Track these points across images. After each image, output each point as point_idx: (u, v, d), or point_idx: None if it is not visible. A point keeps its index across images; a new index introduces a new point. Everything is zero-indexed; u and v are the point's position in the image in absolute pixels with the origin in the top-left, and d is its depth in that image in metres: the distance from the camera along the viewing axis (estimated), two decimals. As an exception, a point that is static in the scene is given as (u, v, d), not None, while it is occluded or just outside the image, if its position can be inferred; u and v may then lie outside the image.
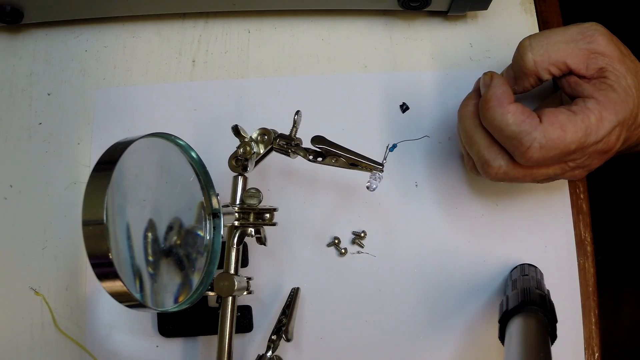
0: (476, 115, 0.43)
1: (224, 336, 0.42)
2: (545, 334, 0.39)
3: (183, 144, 0.41)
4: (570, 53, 0.42)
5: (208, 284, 0.41)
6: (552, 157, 0.40)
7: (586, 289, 0.47)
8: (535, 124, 0.39)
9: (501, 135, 0.40)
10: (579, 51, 0.42)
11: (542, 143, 0.39)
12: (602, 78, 0.41)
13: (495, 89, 0.41)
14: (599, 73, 0.41)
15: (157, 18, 0.54)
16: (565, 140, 0.39)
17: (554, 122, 0.39)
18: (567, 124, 0.39)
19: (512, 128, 0.40)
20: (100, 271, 0.33)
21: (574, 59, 0.42)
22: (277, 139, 0.43)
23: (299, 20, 0.54)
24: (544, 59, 0.42)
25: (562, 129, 0.39)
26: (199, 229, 0.42)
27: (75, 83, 0.53)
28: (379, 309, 0.48)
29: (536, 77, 0.43)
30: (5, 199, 0.50)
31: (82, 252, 0.46)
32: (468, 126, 0.43)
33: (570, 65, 0.42)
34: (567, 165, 0.41)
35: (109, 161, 0.34)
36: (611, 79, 0.41)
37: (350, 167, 0.41)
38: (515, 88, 0.45)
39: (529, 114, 0.40)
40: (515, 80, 0.45)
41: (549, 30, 0.43)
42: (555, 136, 0.39)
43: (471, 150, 0.43)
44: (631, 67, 0.41)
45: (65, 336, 0.47)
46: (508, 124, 0.40)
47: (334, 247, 0.48)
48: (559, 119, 0.40)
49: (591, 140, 0.40)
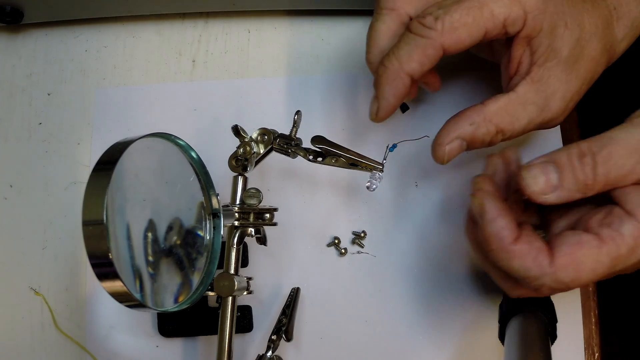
0: (480, 246, 0.37)
1: (224, 336, 0.42)
2: (545, 334, 0.39)
3: (183, 144, 0.41)
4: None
5: (208, 284, 0.41)
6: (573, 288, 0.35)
7: (586, 289, 0.47)
8: (544, 267, 0.34)
9: (511, 275, 0.36)
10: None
11: (553, 287, 0.34)
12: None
13: (491, 226, 0.35)
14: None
15: (157, 18, 0.54)
16: (580, 281, 0.34)
17: (569, 263, 0.34)
18: (587, 261, 0.33)
19: (520, 273, 0.35)
20: (100, 271, 0.33)
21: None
22: (277, 139, 0.43)
23: (299, 20, 0.54)
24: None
25: (577, 270, 0.34)
26: (199, 228, 0.42)
27: (75, 83, 0.53)
28: (379, 309, 0.48)
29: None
30: (5, 199, 0.50)
31: (82, 252, 0.46)
32: (476, 258, 0.39)
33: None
34: (620, 265, 0.34)
35: (108, 161, 0.34)
36: None
37: (350, 167, 0.41)
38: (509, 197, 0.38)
39: (537, 254, 0.34)
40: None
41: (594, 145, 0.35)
42: (569, 280, 0.34)
43: (491, 275, 0.39)
44: None
45: (65, 336, 0.47)
46: (514, 269, 0.35)
47: (334, 247, 0.48)
48: (576, 257, 0.33)
49: (619, 269, 0.34)
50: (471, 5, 0.36)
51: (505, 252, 0.34)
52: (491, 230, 0.35)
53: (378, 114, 0.39)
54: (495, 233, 0.35)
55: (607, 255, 0.33)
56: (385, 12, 0.39)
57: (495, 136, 0.40)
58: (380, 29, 0.39)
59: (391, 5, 0.39)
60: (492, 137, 0.40)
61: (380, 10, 0.39)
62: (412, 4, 0.39)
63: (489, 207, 0.35)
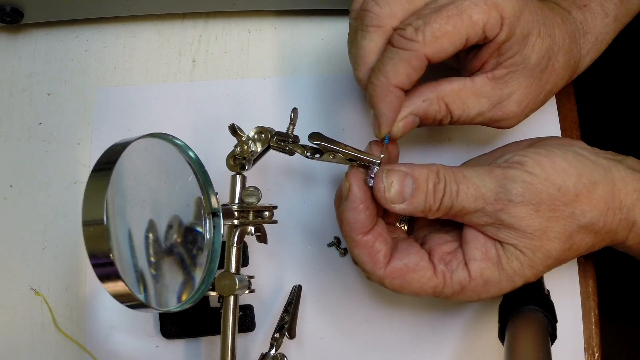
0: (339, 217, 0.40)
1: (227, 336, 0.42)
2: (545, 334, 0.39)
3: (181, 143, 0.41)
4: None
5: (209, 282, 0.41)
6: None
7: (586, 289, 0.48)
8: (378, 268, 0.37)
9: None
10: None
11: (378, 284, 0.38)
12: (498, 243, 0.37)
13: (349, 213, 0.37)
14: (494, 232, 0.37)
15: (157, 18, 0.54)
16: (402, 292, 0.38)
17: (397, 276, 0.37)
18: (413, 283, 0.37)
19: (357, 260, 0.39)
20: (101, 271, 0.33)
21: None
22: (274, 136, 0.43)
23: (299, 20, 0.54)
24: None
25: (402, 285, 0.38)
26: (198, 225, 0.42)
27: (75, 83, 0.52)
28: (379, 309, 0.48)
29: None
30: (5, 199, 0.50)
31: (82, 252, 0.46)
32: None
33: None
34: (441, 297, 0.39)
35: (107, 161, 0.34)
36: (506, 255, 0.37)
37: (349, 162, 0.41)
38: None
39: (376, 253, 0.37)
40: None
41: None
42: (392, 287, 0.38)
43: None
44: (554, 246, 0.37)
45: (65, 336, 0.47)
46: (354, 254, 0.39)
47: (335, 247, 0.48)
48: (406, 276, 0.37)
49: (440, 297, 0.38)
50: (450, 14, 0.36)
51: (352, 239, 0.38)
52: (347, 217, 0.37)
53: (381, 130, 0.39)
54: (350, 221, 0.37)
55: (432, 288, 0.37)
56: (372, 30, 0.39)
57: (445, 117, 0.40)
58: (368, 46, 0.39)
59: (377, 23, 0.38)
60: (443, 117, 0.40)
61: (365, 27, 0.39)
62: (397, 17, 0.38)
63: (354, 195, 0.37)
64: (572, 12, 0.43)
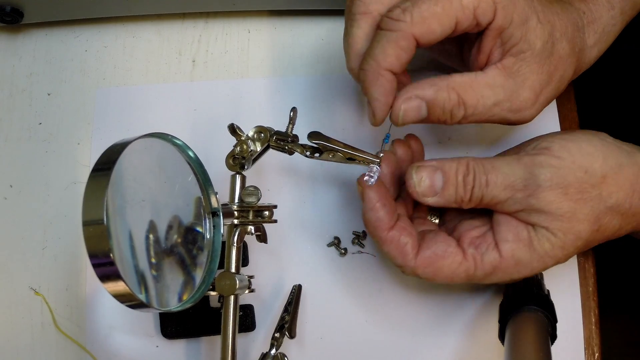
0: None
1: (227, 335, 0.42)
2: (545, 334, 0.39)
3: (180, 143, 0.41)
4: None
5: (210, 282, 0.41)
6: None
7: (586, 289, 0.48)
8: (408, 260, 0.38)
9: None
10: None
11: (411, 275, 0.39)
12: (529, 226, 0.38)
13: (369, 214, 0.38)
14: (525, 217, 0.37)
15: (157, 18, 0.54)
16: (435, 281, 0.39)
17: (428, 265, 0.38)
18: (445, 270, 0.38)
19: (387, 256, 0.39)
20: (102, 272, 0.33)
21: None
22: (274, 136, 0.43)
23: (299, 20, 0.54)
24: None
25: (434, 273, 0.38)
26: (198, 225, 0.42)
27: (75, 83, 0.52)
28: (379, 309, 0.48)
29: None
30: (5, 199, 0.50)
31: (82, 252, 0.46)
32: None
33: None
34: (474, 281, 0.40)
35: (107, 162, 0.34)
36: (537, 237, 0.37)
37: (348, 161, 0.41)
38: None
39: (403, 246, 0.38)
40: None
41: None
42: (425, 277, 0.39)
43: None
44: (583, 228, 0.37)
45: (65, 336, 0.47)
46: (383, 251, 0.39)
47: (334, 247, 0.48)
48: (437, 263, 0.38)
49: (472, 282, 0.39)
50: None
51: (378, 237, 0.39)
52: (369, 217, 0.39)
53: (375, 116, 0.39)
54: (371, 220, 0.38)
55: (464, 272, 0.38)
56: (359, 17, 0.39)
57: (457, 108, 0.38)
58: (356, 34, 0.39)
59: (363, 10, 0.38)
60: (454, 107, 0.38)
61: (352, 15, 0.39)
62: (384, 4, 0.38)
63: (368, 197, 0.38)
64: (574, 3, 0.43)
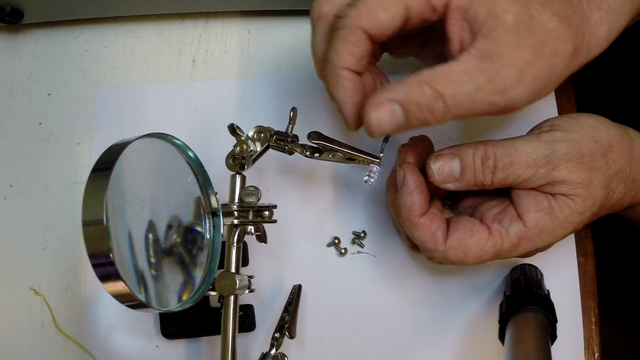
0: (394, 207, 0.42)
1: (227, 335, 0.42)
2: (545, 334, 0.39)
3: (180, 143, 0.41)
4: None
5: (210, 282, 0.42)
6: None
7: (586, 289, 0.48)
8: (439, 244, 0.39)
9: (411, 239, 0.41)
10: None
11: (442, 261, 0.40)
12: (549, 195, 0.39)
13: (406, 198, 0.39)
14: (548, 188, 0.39)
15: (157, 18, 0.54)
16: (465, 263, 0.39)
17: (458, 246, 0.39)
18: (474, 248, 0.39)
19: (418, 242, 0.40)
20: (101, 272, 0.33)
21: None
22: (274, 136, 0.43)
23: (299, 20, 0.54)
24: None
25: (464, 253, 0.39)
26: (197, 225, 0.42)
27: (75, 83, 0.52)
28: (379, 309, 0.48)
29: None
30: (5, 199, 0.50)
31: (82, 252, 0.45)
32: (394, 218, 0.44)
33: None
34: (502, 256, 0.40)
35: (106, 162, 0.34)
36: (558, 204, 0.39)
37: (348, 161, 0.41)
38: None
39: (435, 231, 0.39)
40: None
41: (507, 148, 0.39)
42: (455, 259, 0.39)
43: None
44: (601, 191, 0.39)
45: (65, 336, 0.47)
46: (414, 237, 0.40)
47: (334, 247, 0.48)
48: (466, 243, 0.39)
49: (501, 258, 0.40)
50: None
51: (410, 222, 0.40)
52: (405, 201, 0.39)
53: (346, 119, 0.38)
54: (407, 204, 0.39)
55: (492, 247, 0.39)
56: (316, 22, 0.38)
57: (435, 101, 0.35)
58: (316, 40, 0.38)
59: (318, 15, 0.38)
60: (430, 102, 0.35)
61: (312, 22, 0.39)
62: (336, 4, 0.37)
63: (409, 181, 0.39)
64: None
